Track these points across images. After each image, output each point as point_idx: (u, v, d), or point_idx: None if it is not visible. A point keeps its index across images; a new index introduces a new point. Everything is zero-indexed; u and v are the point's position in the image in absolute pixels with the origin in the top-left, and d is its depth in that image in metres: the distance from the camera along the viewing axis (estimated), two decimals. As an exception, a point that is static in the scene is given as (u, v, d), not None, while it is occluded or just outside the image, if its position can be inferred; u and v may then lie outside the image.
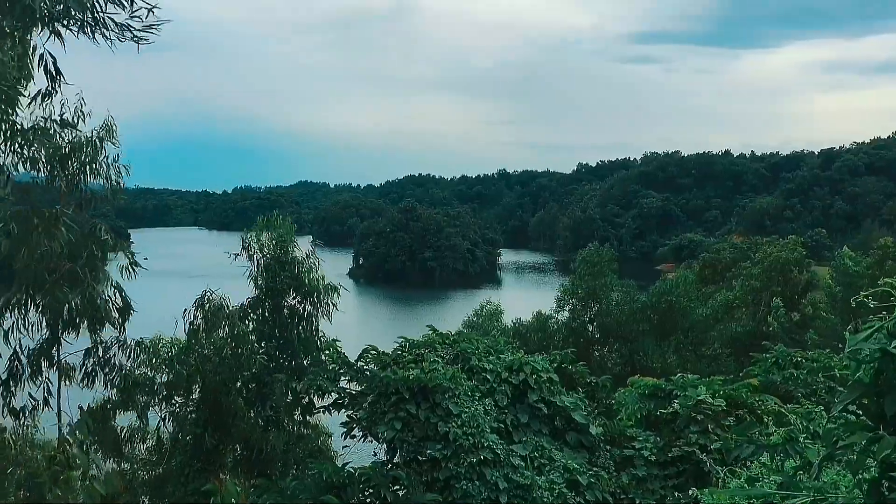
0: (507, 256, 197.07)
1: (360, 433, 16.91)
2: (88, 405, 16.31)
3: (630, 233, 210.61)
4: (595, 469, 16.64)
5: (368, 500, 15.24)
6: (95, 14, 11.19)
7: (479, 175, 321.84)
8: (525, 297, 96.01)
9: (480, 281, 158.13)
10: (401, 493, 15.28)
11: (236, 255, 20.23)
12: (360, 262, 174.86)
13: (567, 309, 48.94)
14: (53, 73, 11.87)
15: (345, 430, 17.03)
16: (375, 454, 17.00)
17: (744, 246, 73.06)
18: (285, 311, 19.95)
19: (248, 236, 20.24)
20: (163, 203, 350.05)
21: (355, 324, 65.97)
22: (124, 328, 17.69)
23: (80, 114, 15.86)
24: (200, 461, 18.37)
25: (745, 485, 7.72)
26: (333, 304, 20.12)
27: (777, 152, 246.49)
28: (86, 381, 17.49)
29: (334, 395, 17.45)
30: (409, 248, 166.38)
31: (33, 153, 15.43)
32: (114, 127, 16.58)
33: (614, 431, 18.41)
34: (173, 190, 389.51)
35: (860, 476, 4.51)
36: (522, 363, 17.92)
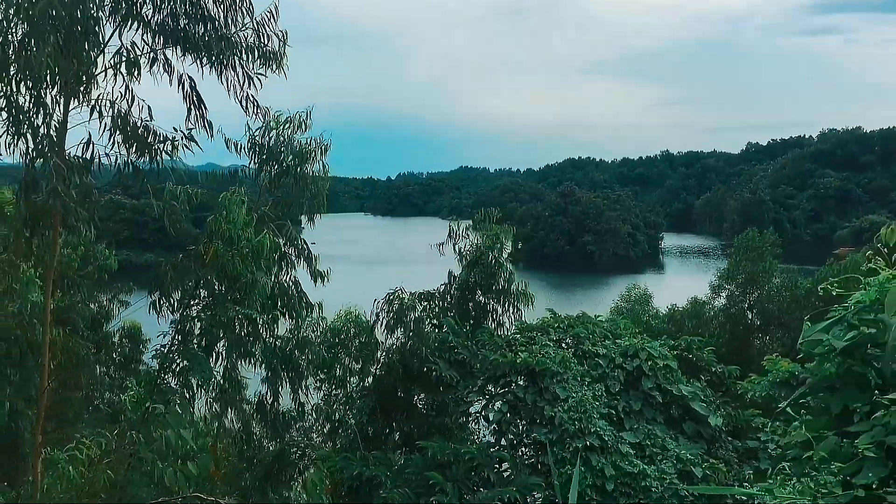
0: (670, 240, 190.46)
1: (472, 415, 17.22)
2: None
3: (804, 215, 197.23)
4: (712, 461, 16.02)
5: (473, 480, 15.47)
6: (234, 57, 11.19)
7: (640, 157, 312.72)
8: (689, 282, 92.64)
9: (642, 265, 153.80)
10: (505, 475, 15.42)
11: (441, 244, 19.85)
12: (519, 247, 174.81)
13: (724, 295, 46.99)
14: (193, 97, 11.22)
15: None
16: (484, 436, 17.20)
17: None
18: (470, 304, 19.54)
19: (456, 227, 19.92)
20: (329, 190, 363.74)
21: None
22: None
23: (304, 123, 16.22)
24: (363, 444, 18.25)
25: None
26: (519, 309, 19.46)
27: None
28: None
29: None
30: (568, 232, 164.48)
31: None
32: (329, 144, 16.96)
33: (739, 422, 17.62)
34: (339, 177, 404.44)
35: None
36: (638, 349, 17.51)
